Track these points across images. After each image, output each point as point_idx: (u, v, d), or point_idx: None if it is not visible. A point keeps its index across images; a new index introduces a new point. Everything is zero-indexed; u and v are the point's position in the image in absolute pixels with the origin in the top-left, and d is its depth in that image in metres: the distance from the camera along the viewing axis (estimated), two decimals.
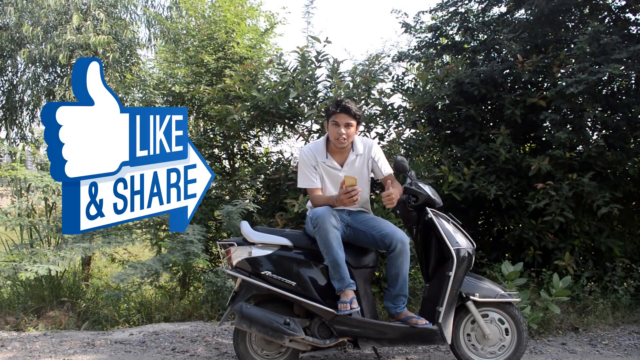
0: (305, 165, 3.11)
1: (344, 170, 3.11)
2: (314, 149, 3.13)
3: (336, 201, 2.94)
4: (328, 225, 2.86)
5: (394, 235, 2.95)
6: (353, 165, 3.14)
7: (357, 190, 2.83)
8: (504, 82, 5.09)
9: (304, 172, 3.11)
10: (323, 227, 2.86)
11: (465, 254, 3.01)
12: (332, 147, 3.12)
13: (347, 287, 2.89)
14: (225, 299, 4.16)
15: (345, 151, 3.13)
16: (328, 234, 2.86)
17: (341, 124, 3.01)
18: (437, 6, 5.94)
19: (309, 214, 3.05)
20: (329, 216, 2.88)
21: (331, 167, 3.11)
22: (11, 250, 4.69)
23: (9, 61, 9.82)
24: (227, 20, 5.63)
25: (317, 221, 2.87)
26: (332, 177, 3.13)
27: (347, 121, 3.01)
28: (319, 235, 2.88)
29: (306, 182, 3.11)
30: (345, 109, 3.00)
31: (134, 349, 3.62)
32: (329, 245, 2.86)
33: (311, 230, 3.00)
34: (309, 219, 2.99)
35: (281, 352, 3.05)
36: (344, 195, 2.84)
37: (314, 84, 4.90)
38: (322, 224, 2.86)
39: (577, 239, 4.57)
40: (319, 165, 3.11)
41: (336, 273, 2.88)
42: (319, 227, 2.87)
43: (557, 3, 4.78)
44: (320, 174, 3.12)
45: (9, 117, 9.99)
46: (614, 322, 4.20)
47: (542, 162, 4.43)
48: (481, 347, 3.12)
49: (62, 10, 8.96)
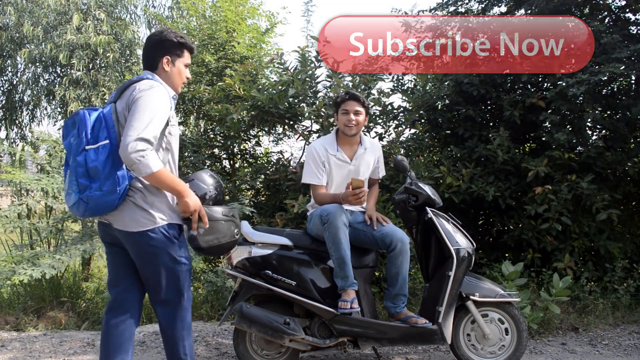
0: (314, 161, 3.12)
1: (353, 163, 3.16)
2: (324, 142, 3.19)
3: (342, 199, 2.96)
4: (339, 222, 2.87)
5: (393, 235, 2.96)
6: (362, 159, 3.19)
7: (364, 192, 2.89)
8: (504, 82, 5.09)
9: (311, 167, 3.12)
10: (334, 223, 2.86)
11: (465, 253, 3.01)
12: (341, 141, 3.18)
13: (350, 287, 2.89)
14: (225, 299, 4.16)
15: (354, 144, 3.19)
16: (338, 230, 2.86)
17: (350, 110, 3.09)
18: (437, 6, 5.94)
19: (316, 211, 3.04)
20: (341, 214, 2.90)
21: (341, 160, 3.15)
22: (11, 252, 4.69)
23: (9, 61, 9.82)
24: (227, 20, 5.63)
25: (328, 217, 2.87)
26: (340, 171, 3.15)
27: (356, 108, 3.09)
28: (329, 231, 2.88)
29: (312, 178, 3.12)
30: (354, 97, 3.12)
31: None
32: (338, 242, 2.86)
33: (315, 228, 3.01)
34: (318, 215, 2.97)
35: (281, 352, 3.05)
36: (352, 197, 2.87)
37: (313, 84, 4.90)
38: (333, 221, 2.86)
39: (576, 240, 4.56)
40: (329, 159, 3.13)
41: (341, 271, 2.88)
42: (329, 224, 2.87)
43: (557, 3, 4.78)
44: (328, 169, 3.14)
45: (9, 117, 9.99)
46: (614, 322, 4.20)
47: (540, 165, 4.42)
48: (481, 347, 3.12)
49: (62, 10, 8.96)
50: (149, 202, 2.19)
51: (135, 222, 2.18)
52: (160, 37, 2.33)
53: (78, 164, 2.10)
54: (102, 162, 2.08)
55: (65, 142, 2.22)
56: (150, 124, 2.09)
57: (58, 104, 9.50)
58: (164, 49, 2.32)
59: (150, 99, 2.13)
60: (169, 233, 2.22)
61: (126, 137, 2.04)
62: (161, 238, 2.19)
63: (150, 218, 2.18)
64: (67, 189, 2.19)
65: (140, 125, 2.06)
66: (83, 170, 2.10)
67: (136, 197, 2.18)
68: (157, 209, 2.21)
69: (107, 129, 2.12)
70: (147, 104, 2.12)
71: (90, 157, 2.08)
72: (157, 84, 2.23)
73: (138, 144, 2.03)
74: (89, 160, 2.09)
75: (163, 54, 2.32)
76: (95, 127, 2.12)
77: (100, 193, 2.10)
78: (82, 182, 2.11)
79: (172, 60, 2.33)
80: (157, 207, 2.21)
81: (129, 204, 2.18)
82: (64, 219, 4.71)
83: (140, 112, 2.09)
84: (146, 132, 2.06)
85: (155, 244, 2.19)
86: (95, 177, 2.10)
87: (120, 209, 2.18)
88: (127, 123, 2.09)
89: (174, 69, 2.35)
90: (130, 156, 2.02)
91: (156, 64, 2.33)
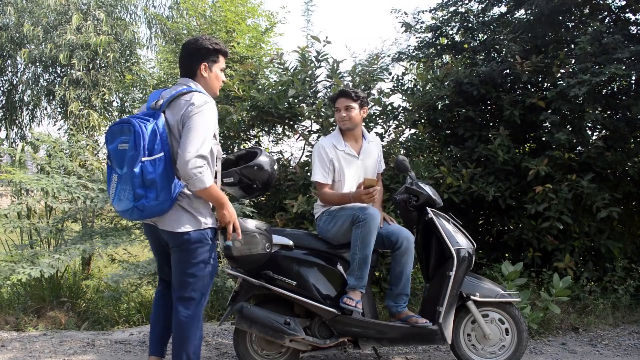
0: (320, 159, 3.15)
1: (361, 157, 3.20)
2: (332, 139, 3.23)
3: (352, 198, 2.98)
4: (375, 226, 2.90)
5: (399, 233, 2.99)
6: (369, 153, 3.24)
7: (377, 189, 2.95)
8: (504, 82, 5.09)
9: (318, 165, 3.16)
10: (370, 224, 2.87)
11: (465, 254, 3.01)
12: (347, 137, 3.23)
13: (360, 288, 2.91)
14: (225, 299, 4.16)
15: (358, 138, 3.25)
16: (372, 232, 2.88)
17: (341, 108, 3.17)
18: (437, 6, 5.94)
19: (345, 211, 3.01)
20: (378, 218, 2.93)
21: (350, 154, 3.19)
22: (11, 251, 4.69)
23: (9, 61, 9.81)
24: (227, 20, 5.63)
25: (366, 217, 2.88)
26: (350, 166, 3.17)
27: (346, 104, 3.16)
28: (362, 230, 2.88)
29: (320, 176, 3.14)
30: (342, 93, 3.19)
31: (134, 349, 3.62)
32: (368, 243, 2.88)
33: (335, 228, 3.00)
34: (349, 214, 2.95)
35: (281, 352, 3.05)
36: (365, 196, 2.90)
37: (313, 84, 4.90)
38: (370, 222, 2.87)
39: (577, 240, 4.56)
40: (337, 156, 3.15)
41: (359, 271, 2.89)
42: (365, 223, 2.87)
43: (557, 3, 4.78)
44: (337, 166, 3.15)
45: (9, 117, 9.98)
46: (614, 322, 4.20)
47: (541, 164, 4.43)
48: (481, 347, 3.12)
49: (62, 10, 8.95)
50: (194, 207, 2.37)
51: (180, 223, 2.34)
52: (196, 44, 2.44)
53: (135, 175, 2.21)
54: (159, 175, 2.23)
55: (111, 147, 2.32)
56: (205, 140, 2.24)
57: (58, 104, 9.49)
58: (201, 56, 2.43)
59: (205, 116, 2.27)
60: (208, 236, 2.40)
61: (186, 153, 2.19)
62: (201, 239, 2.37)
63: (194, 221, 2.36)
64: (116, 194, 2.30)
65: (198, 142, 2.21)
66: (139, 181, 2.22)
67: (184, 202, 2.35)
68: (201, 213, 2.38)
69: (161, 141, 2.25)
70: (203, 120, 2.26)
71: (148, 169, 2.21)
72: (209, 99, 2.35)
73: (197, 160, 2.19)
74: (146, 172, 2.21)
75: (200, 61, 2.43)
76: (151, 139, 2.23)
77: (157, 202, 2.25)
78: (139, 192, 2.22)
79: (209, 66, 2.45)
80: (201, 212, 2.38)
81: (176, 207, 2.34)
82: (63, 218, 4.71)
83: (197, 128, 2.23)
84: (203, 149, 2.22)
85: (195, 245, 2.36)
86: (152, 187, 2.23)
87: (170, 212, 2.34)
88: (185, 138, 2.23)
89: (211, 75, 2.46)
90: (190, 172, 2.18)
91: (194, 71, 2.44)
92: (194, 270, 2.38)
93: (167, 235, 2.38)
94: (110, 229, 4.64)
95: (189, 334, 2.40)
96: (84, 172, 4.85)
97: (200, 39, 2.45)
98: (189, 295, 2.40)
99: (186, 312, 2.40)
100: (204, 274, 2.40)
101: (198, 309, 2.42)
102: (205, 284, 2.42)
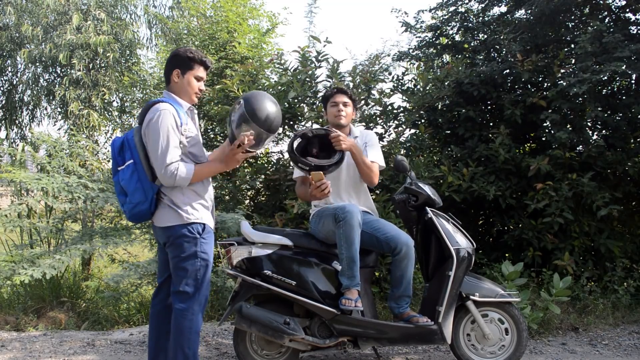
0: None
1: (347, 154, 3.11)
2: None
3: (310, 196, 2.98)
4: (355, 222, 2.86)
5: (398, 239, 2.94)
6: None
7: (325, 183, 2.88)
8: (504, 82, 5.09)
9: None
10: (350, 222, 2.84)
11: (465, 253, 3.01)
12: None
13: (355, 286, 2.88)
14: (225, 299, 4.15)
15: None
16: (353, 230, 2.84)
17: (339, 102, 3.18)
18: (437, 5, 5.94)
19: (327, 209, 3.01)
20: (357, 213, 2.89)
21: None
22: (11, 251, 4.69)
23: (9, 61, 9.79)
24: (228, 20, 5.63)
25: (344, 215, 2.85)
26: None
27: (344, 100, 3.19)
28: (343, 229, 2.85)
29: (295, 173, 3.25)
30: (341, 90, 3.23)
31: (134, 349, 3.62)
32: (351, 241, 2.84)
33: (323, 227, 2.99)
34: (331, 214, 2.94)
35: (281, 352, 3.05)
36: (315, 190, 2.88)
37: (313, 84, 4.90)
38: (349, 220, 2.84)
39: (576, 240, 4.56)
40: None
41: (349, 270, 2.87)
42: (345, 222, 2.84)
43: (558, 3, 4.78)
44: None
45: (9, 117, 9.97)
46: (614, 322, 4.20)
47: (542, 162, 4.43)
48: (481, 347, 3.12)
49: (62, 10, 8.94)
50: (175, 203, 2.48)
51: (165, 219, 2.50)
52: (172, 54, 2.59)
53: (115, 184, 2.52)
54: (127, 179, 2.45)
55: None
56: (167, 148, 2.39)
57: (58, 104, 9.47)
58: (174, 63, 2.55)
59: (156, 128, 2.39)
60: (194, 230, 2.49)
61: (157, 170, 2.41)
62: (185, 234, 2.48)
63: (177, 216, 2.48)
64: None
65: (161, 155, 2.38)
66: (119, 188, 2.51)
67: (165, 199, 2.50)
68: (182, 209, 2.48)
69: (130, 149, 2.47)
70: (156, 133, 2.39)
71: (121, 177, 2.48)
72: (163, 107, 2.44)
73: (167, 170, 2.38)
74: (121, 179, 2.48)
75: (173, 68, 2.55)
76: (120, 149, 2.50)
77: (132, 205, 2.46)
78: (120, 198, 2.52)
79: (181, 72, 2.54)
80: (182, 208, 2.49)
81: (162, 205, 2.51)
82: (64, 218, 4.71)
83: (154, 142, 2.40)
84: (168, 158, 2.38)
85: (180, 239, 2.47)
86: (127, 192, 2.47)
87: (158, 210, 2.51)
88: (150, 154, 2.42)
89: (183, 81, 2.54)
90: (169, 180, 2.40)
91: (169, 79, 2.58)
92: (184, 265, 2.47)
93: (158, 232, 2.55)
94: (110, 229, 4.63)
95: (182, 327, 2.47)
96: (84, 172, 4.85)
97: (178, 49, 2.60)
98: (183, 290, 2.48)
99: (180, 306, 2.48)
100: (194, 268, 2.48)
101: (192, 303, 2.49)
102: (197, 279, 2.49)
